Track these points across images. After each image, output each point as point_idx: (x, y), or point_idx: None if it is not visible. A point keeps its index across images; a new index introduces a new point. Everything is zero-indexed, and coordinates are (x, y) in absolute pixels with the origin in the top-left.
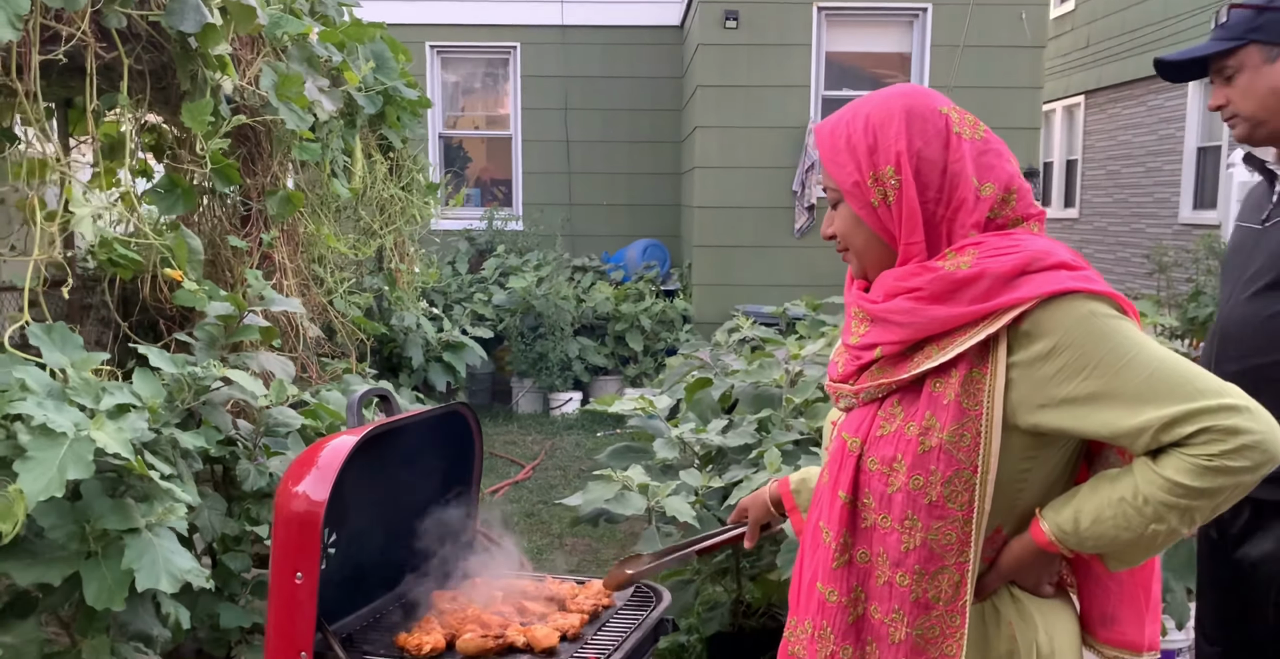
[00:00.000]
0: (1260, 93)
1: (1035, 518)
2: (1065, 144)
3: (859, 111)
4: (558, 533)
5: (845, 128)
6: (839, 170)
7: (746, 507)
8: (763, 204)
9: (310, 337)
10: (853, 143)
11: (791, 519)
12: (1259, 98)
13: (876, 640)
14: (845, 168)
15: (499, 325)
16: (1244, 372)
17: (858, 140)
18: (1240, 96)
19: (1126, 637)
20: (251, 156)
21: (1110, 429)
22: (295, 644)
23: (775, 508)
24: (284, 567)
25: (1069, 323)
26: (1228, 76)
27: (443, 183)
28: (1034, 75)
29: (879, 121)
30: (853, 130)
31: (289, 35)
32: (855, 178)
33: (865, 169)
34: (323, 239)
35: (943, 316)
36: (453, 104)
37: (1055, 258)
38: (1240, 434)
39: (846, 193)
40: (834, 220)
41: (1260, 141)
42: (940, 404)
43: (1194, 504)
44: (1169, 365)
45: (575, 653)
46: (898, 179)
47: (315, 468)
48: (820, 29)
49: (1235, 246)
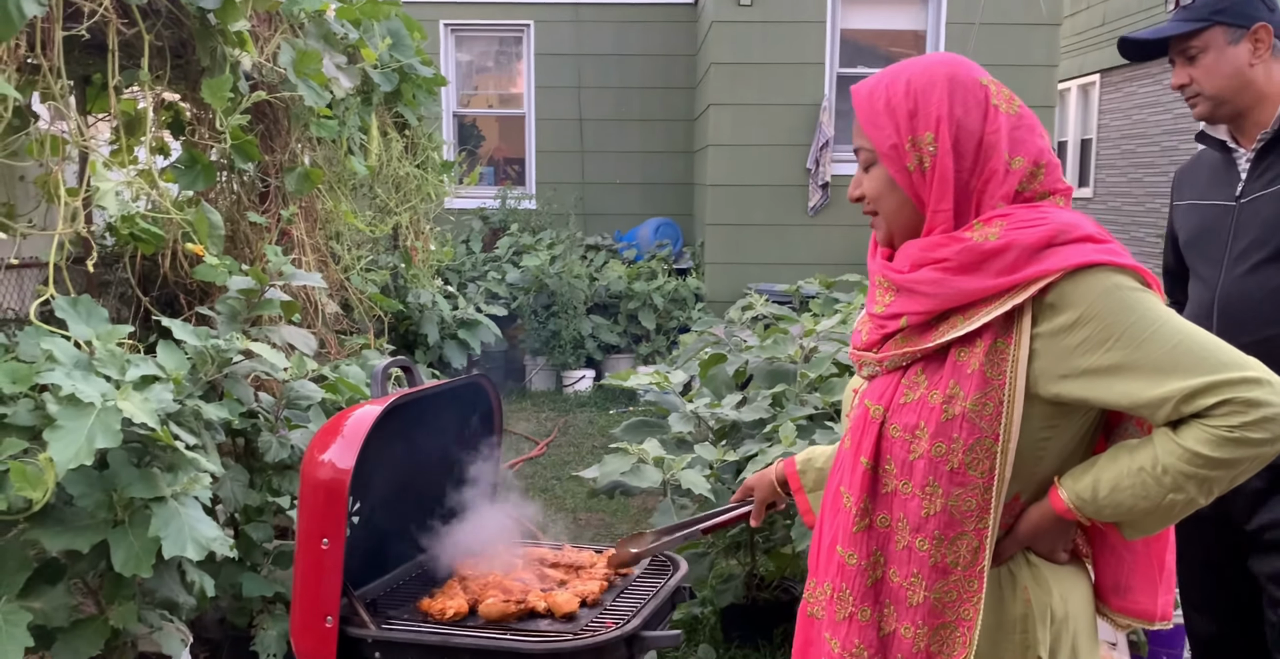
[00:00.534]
0: (1224, 73)
1: (1054, 486)
2: (1080, 123)
3: (899, 76)
4: (571, 508)
5: (885, 90)
6: (877, 132)
7: (752, 486)
8: (776, 182)
9: (329, 312)
10: (893, 105)
11: (796, 499)
12: (1223, 78)
13: (895, 603)
14: (884, 130)
15: (512, 303)
16: (1257, 343)
17: (898, 103)
18: (1204, 76)
19: (1140, 605)
20: (270, 133)
21: (1132, 399)
22: (321, 608)
23: (781, 487)
24: (310, 533)
25: (1093, 295)
26: (1191, 56)
27: (457, 161)
28: (1050, 53)
29: (921, 87)
30: (893, 93)
31: (306, 12)
32: (894, 140)
33: (904, 132)
34: (340, 216)
35: (970, 288)
36: (467, 82)
37: (1082, 231)
38: (1261, 406)
39: (883, 155)
40: (863, 182)
41: (1220, 120)
42: (964, 373)
43: (1213, 475)
44: (1191, 338)
45: (595, 618)
46: (935, 146)
47: (341, 437)
48: (835, 6)
49: (1204, 225)
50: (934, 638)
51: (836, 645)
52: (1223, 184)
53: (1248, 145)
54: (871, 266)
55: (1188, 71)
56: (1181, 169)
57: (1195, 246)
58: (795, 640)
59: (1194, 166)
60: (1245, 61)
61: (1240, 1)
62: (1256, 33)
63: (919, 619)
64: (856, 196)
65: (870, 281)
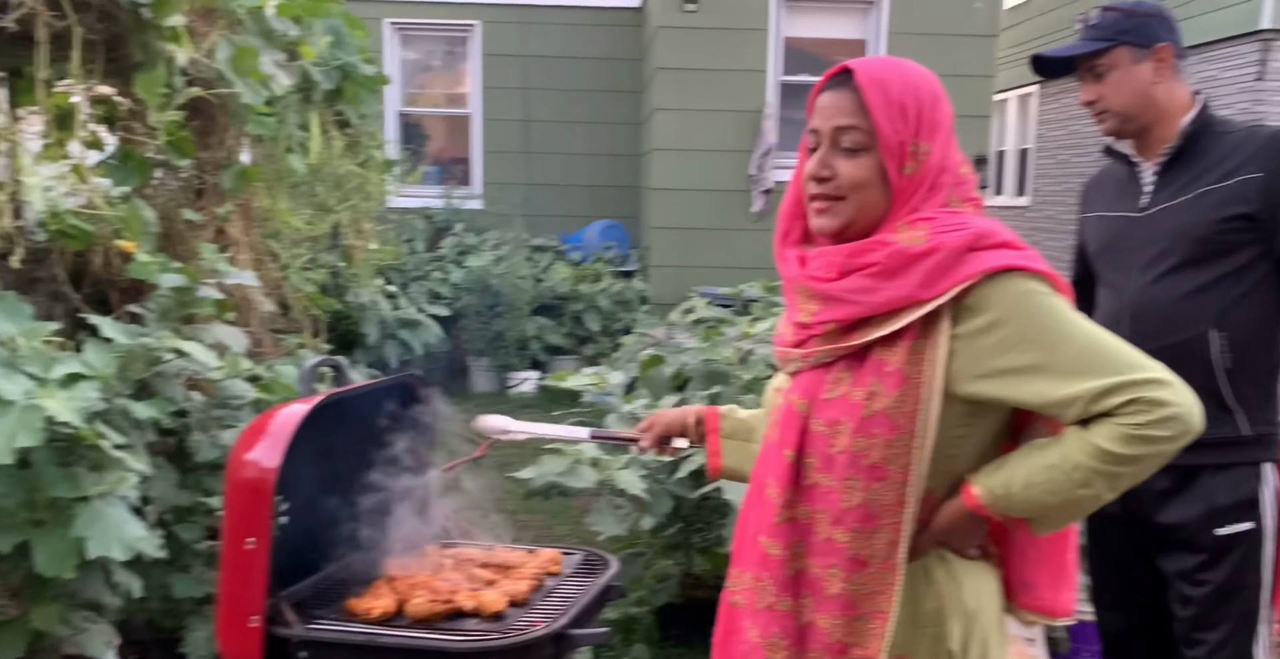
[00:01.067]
0: (1129, 91)
1: (967, 483)
2: (1019, 133)
3: (908, 79)
4: (512, 509)
5: (900, 87)
6: (889, 124)
7: (660, 418)
8: (720, 187)
9: (265, 311)
10: (906, 105)
11: (709, 439)
12: (1128, 95)
13: (813, 594)
14: (895, 123)
15: (456, 304)
16: (1164, 349)
17: (910, 104)
18: (1111, 93)
19: (1045, 602)
20: (206, 130)
21: (1044, 398)
22: (246, 609)
23: (697, 425)
24: (236, 533)
25: (1009, 299)
26: (1099, 74)
27: (401, 160)
28: (986, 64)
29: (930, 98)
30: (906, 94)
31: (245, 8)
32: (901, 139)
33: (910, 135)
34: (278, 214)
35: (897, 297)
36: (412, 82)
37: (1000, 237)
38: (1165, 406)
39: (887, 148)
40: (841, 166)
41: (1127, 135)
42: (885, 372)
43: (1120, 471)
44: (1100, 341)
45: (523, 617)
46: (928, 157)
47: (267, 435)
48: (778, 14)
49: (1112, 236)
50: (849, 629)
51: (755, 634)
52: (1129, 196)
53: (1152, 160)
54: (786, 273)
55: (1096, 89)
56: (1089, 182)
57: (1104, 257)
58: (716, 629)
59: (1101, 179)
60: (1149, 80)
61: (1143, 23)
62: (1159, 53)
63: (836, 610)
64: (825, 176)
65: (787, 291)
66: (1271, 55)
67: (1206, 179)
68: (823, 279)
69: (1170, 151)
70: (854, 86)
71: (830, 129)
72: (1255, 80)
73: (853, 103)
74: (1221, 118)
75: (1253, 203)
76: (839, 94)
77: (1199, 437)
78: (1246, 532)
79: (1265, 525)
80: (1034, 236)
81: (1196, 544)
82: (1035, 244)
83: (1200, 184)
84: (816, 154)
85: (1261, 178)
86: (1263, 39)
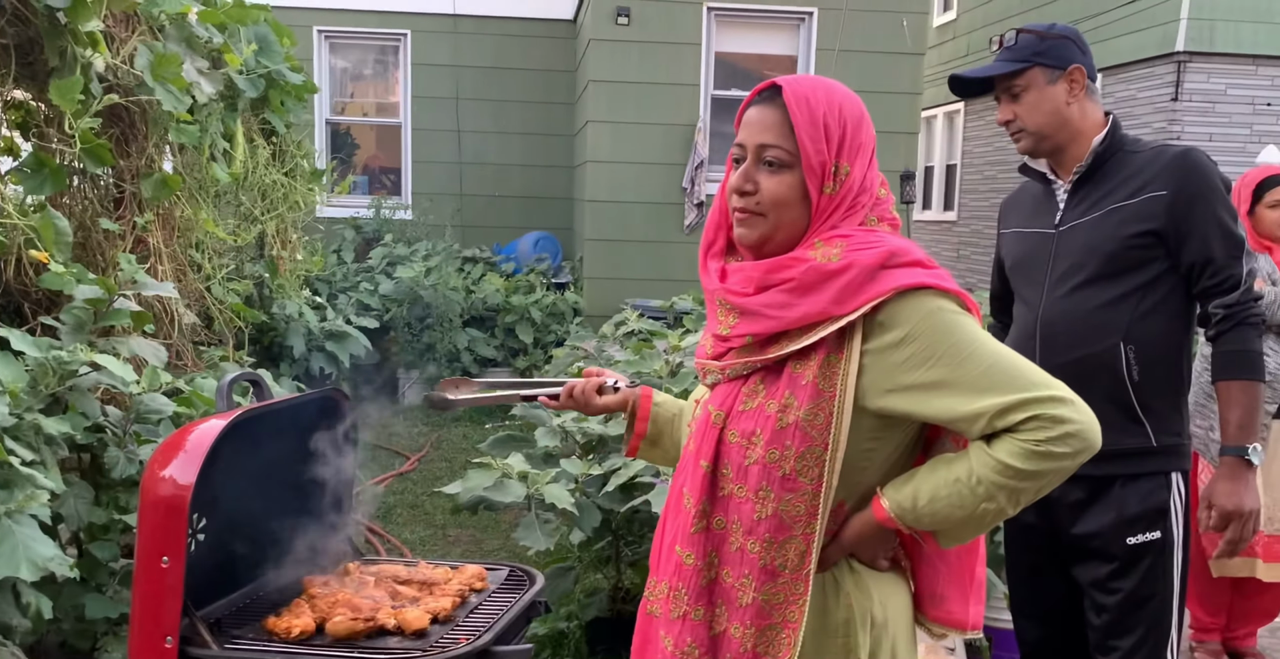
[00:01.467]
0: (1044, 110)
1: (876, 495)
2: (946, 149)
3: (834, 100)
4: (441, 524)
5: (824, 107)
6: (813, 144)
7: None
8: (653, 200)
9: (186, 323)
10: (829, 126)
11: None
12: (1043, 115)
13: (726, 603)
14: (818, 144)
15: (385, 315)
16: (1072, 362)
17: (834, 126)
18: (1026, 113)
19: (953, 615)
20: (126, 137)
21: (951, 414)
22: (160, 629)
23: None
24: (150, 551)
25: (919, 316)
26: (1015, 94)
27: (328, 169)
28: (914, 81)
29: (854, 120)
30: (830, 115)
31: (167, 14)
32: (823, 160)
33: (832, 155)
34: (200, 224)
35: (812, 312)
36: (341, 90)
37: (912, 256)
38: (1065, 423)
39: (809, 168)
40: (764, 182)
41: (1041, 154)
42: (799, 385)
43: (1021, 485)
44: (1006, 359)
45: (446, 634)
46: (848, 178)
47: (183, 452)
48: (710, 29)
49: (1027, 251)
50: (761, 639)
51: (670, 643)
52: (1044, 213)
53: (1065, 177)
54: (707, 285)
55: (1012, 108)
56: (1007, 199)
57: (1019, 271)
58: (634, 638)
59: (1018, 197)
60: (1063, 100)
61: (1057, 45)
62: (1072, 74)
63: (748, 620)
64: (748, 191)
65: (709, 302)
66: (1186, 76)
67: (1116, 196)
68: (741, 293)
69: (1082, 170)
70: (781, 104)
71: (755, 145)
72: (1171, 100)
73: (779, 120)
74: (1132, 137)
75: (1159, 220)
76: (766, 110)
77: (1112, 448)
78: (1156, 540)
79: (1174, 534)
80: (961, 251)
81: (1108, 553)
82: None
83: (1110, 201)
84: (741, 168)
85: (1167, 196)
86: (1177, 61)
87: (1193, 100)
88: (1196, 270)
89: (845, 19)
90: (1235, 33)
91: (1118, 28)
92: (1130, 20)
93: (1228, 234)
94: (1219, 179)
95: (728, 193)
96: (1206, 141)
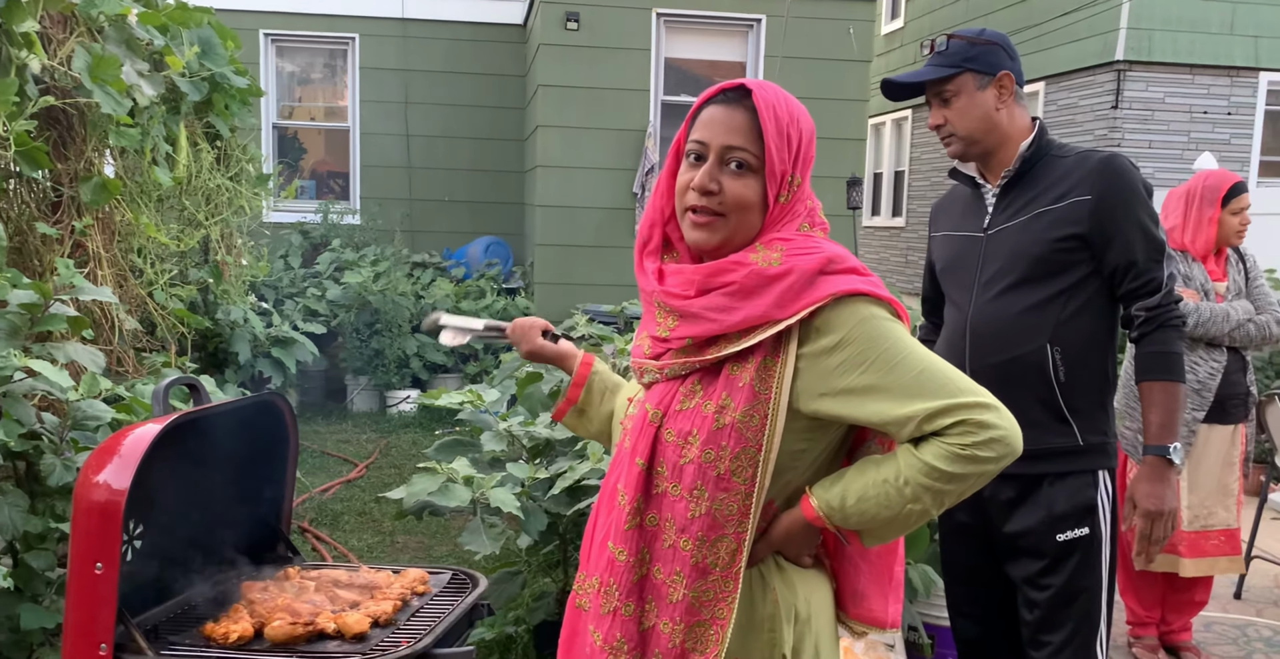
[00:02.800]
0: (974, 115)
1: (805, 495)
2: (894, 156)
3: (794, 110)
4: (389, 530)
5: (787, 120)
6: (778, 153)
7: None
8: (604, 205)
9: (127, 329)
10: (791, 137)
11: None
12: (973, 120)
13: (657, 599)
14: (783, 153)
15: (333, 321)
16: (1000, 365)
17: (794, 137)
18: (957, 118)
19: (873, 613)
20: (64, 141)
21: (882, 417)
22: (95, 637)
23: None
24: (83, 557)
25: (853, 322)
26: (945, 99)
27: (275, 174)
28: (861, 88)
29: (809, 132)
30: (792, 127)
31: (106, 15)
32: (785, 169)
33: (790, 164)
34: (142, 229)
35: (752, 315)
36: (288, 94)
37: (849, 263)
38: (990, 428)
39: (771, 174)
40: (729, 184)
41: (971, 158)
42: (736, 387)
43: (946, 487)
44: (935, 366)
45: (386, 638)
46: (798, 188)
47: (117, 457)
48: (659, 35)
49: (957, 254)
50: (690, 635)
51: (599, 638)
52: (973, 216)
53: (994, 182)
54: (644, 285)
55: (943, 113)
56: (937, 203)
57: (949, 274)
58: (562, 631)
59: (948, 201)
60: (992, 106)
61: (987, 51)
62: (1001, 80)
63: (678, 616)
64: (713, 191)
65: (645, 302)
66: (1126, 84)
67: (1042, 201)
68: (681, 296)
69: (1010, 174)
70: (749, 108)
71: (722, 145)
72: (1111, 108)
73: (747, 124)
74: (1059, 142)
75: (1083, 224)
76: (734, 112)
77: (1040, 447)
78: (1084, 537)
79: (1102, 531)
80: (909, 256)
81: (1039, 550)
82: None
83: (1036, 205)
84: (705, 167)
85: (1091, 200)
86: (1117, 69)
87: (1132, 108)
88: (1120, 274)
89: (793, 26)
90: (1173, 42)
91: (1060, 36)
92: (1072, 29)
93: (1149, 238)
94: (1141, 184)
95: (685, 189)
96: (1146, 148)
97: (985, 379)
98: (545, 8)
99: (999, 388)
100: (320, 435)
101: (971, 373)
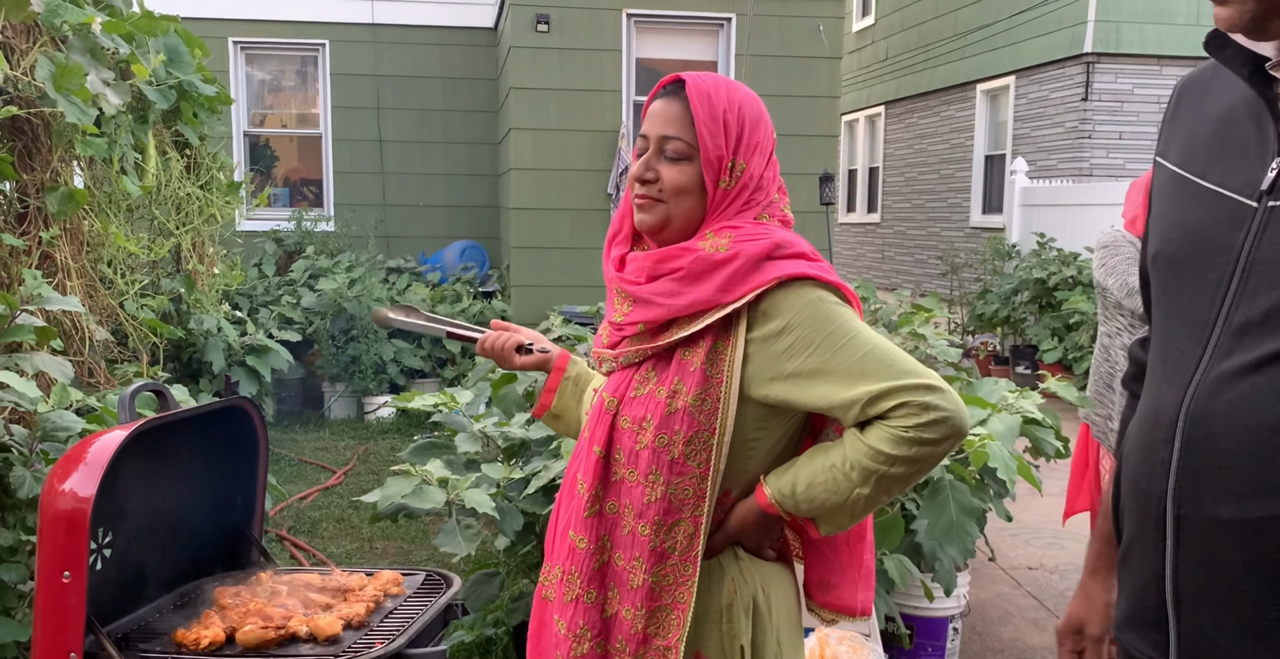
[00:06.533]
0: None
1: (760, 483)
2: (868, 152)
3: (733, 98)
4: (368, 536)
5: (725, 104)
6: (712, 139)
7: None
8: (579, 206)
9: (97, 339)
10: (728, 123)
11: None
12: None
13: (618, 586)
14: (716, 139)
15: (308, 329)
16: (1253, 521)
17: (732, 123)
18: None
19: (843, 601)
20: (29, 151)
21: (828, 402)
22: (64, 645)
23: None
24: (51, 566)
25: (799, 305)
26: None
27: (246, 182)
28: (832, 85)
29: (752, 118)
30: (729, 113)
31: (69, 24)
32: (720, 154)
33: (729, 152)
34: (111, 239)
35: (700, 300)
36: (259, 102)
37: (797, 248)
38: (933, 410)
39: (707, 162)
40: (664, 170)
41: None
42: (687, 371)
43: (893, 471)
44: (879, 348)
45: (359, 640)
46: (743, 175)
47: (83, 464)
48: (630, 35)
49: (1192, 236)
50: (651, 620)
51: (563, 626)
52: (1244, 155)
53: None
54: (606, 273)
55: None
56: (1184, 85)
57: (1168, 279)
58: (530, 623)
59: (1201, 96)
60: None
61: None
62: None
63: (639, 601)
64: (649, 179)
65: (608, 288)
66: (1095, 77)
67: None
68: (634, 282)
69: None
70: (684, 98)
71: (657, 136)
72: (1081, 100)
73: (681, 113)
74: None
75: None
76: (670, 103)
77: None
78: None
79: None
80: (885, 252)
81: None
82: (886, 260)
83: None
84: (643, 158)
85: None
86: (1086, 62)
87: (1102, 100)
88: None
89: (763, 24)
90: (1140, 34)
91: (1029, 30)
92: (1040, 23)
93: None
94: None
95: (630, 182)
96: (1116, 140)
97: (1220, 540)
98: (515, 10)
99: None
100: (298, 443)
101: (1175, 526)
